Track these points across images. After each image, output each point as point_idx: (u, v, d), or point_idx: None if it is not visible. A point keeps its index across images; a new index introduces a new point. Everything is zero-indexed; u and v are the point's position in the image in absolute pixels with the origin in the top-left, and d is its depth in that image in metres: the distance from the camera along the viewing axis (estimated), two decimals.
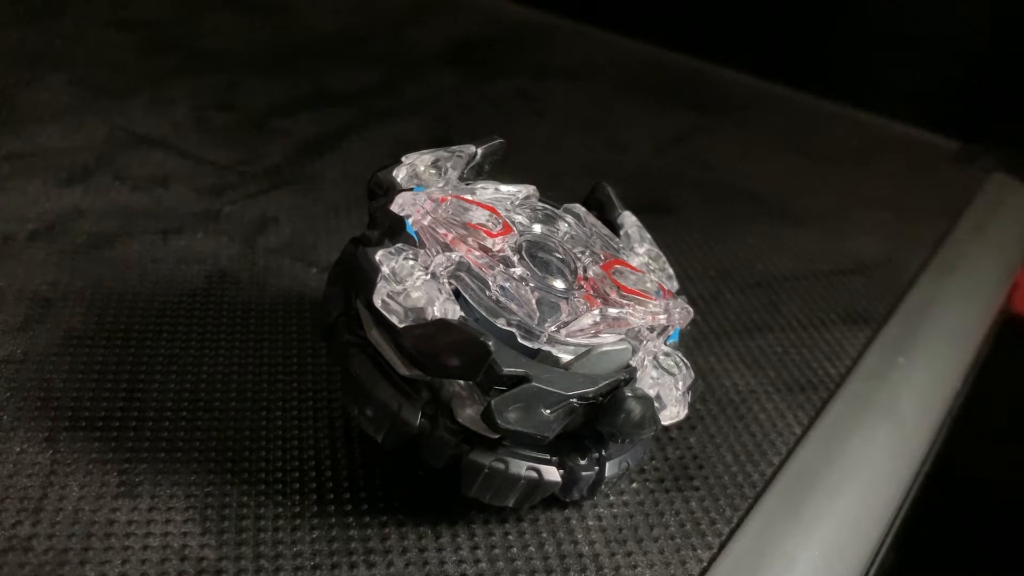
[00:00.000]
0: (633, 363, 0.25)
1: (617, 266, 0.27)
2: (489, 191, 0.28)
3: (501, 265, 0.25)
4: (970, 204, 0.52)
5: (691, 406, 0.26)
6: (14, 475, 0.25)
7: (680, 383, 0.25)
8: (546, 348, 0.24)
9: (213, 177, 0.42)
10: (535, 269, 0.25)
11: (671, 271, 0.29)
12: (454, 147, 0.29)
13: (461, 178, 0.28)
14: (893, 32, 0.66)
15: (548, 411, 0.23)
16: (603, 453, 0.25)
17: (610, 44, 0.68)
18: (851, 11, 0.67)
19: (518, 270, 0.25)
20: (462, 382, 0.24)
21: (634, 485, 0.28)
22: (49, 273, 0.34)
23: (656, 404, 0.24)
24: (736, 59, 0.65)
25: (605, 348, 0.24)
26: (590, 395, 0.23)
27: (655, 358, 0.25)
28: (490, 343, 0.22)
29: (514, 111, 0.56)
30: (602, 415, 0.24)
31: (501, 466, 0.24)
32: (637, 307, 0.25)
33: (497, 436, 0.23)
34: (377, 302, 0.23)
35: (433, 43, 0.64)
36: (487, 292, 0.24)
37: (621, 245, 0.29)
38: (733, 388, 0.34)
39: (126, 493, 0.25)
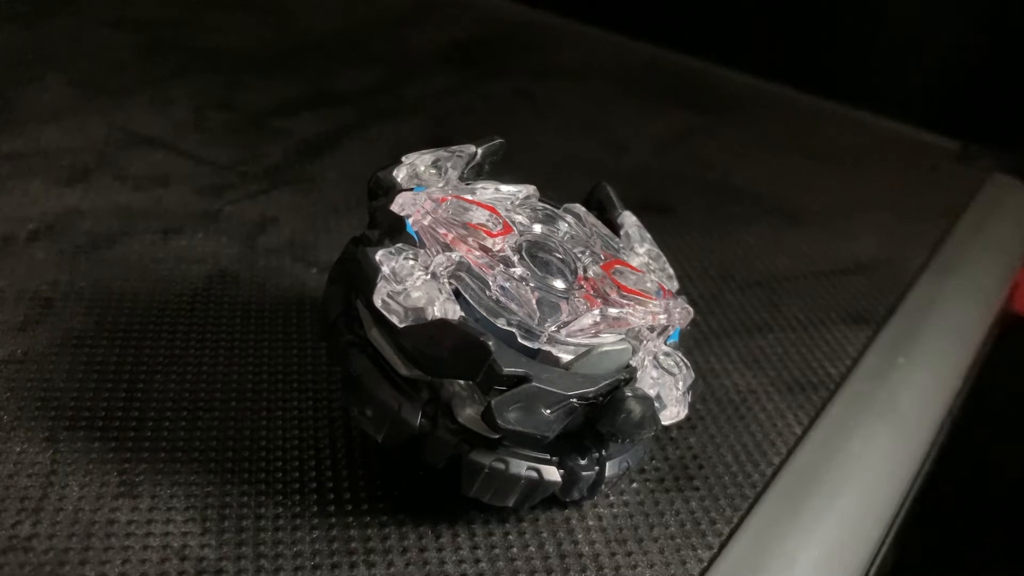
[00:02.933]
0: (633, 363, 0.25)
1: (617, 266, 0.27)
2: (489, 191, 0.28)
3: (501, 265, 0.25)
4: (970, 204, 0.52)
5: (691, 406, 0.26)
6: (14, 475, 0.25)
7: (680, 383, 0.25)
8: (546, 348, 0.24)
9: (213, 177, 0.42)
10: (535, 269, 0.25)
11: (671, 271, 0.29)
12: (454, 147, 0.29)
13: (461, 178, 0.28)
14: (893, 32, 0.66)
15: (548, 411, 0.23)
16: (603, 453, 0.25)
17: (610, 44, 0.68)
18: (851, 11, 0.67)
19: (518, 270, 0.25)
20: (462, 382, 0.24)
21: (634, 485, 0.28)
22: (49, 273, 0.34)
23: (656, 404, 0.24)
24: (736, 59, 0.65)
25: (605, 348, 0.24)
26: (590, 395, 0.23)
27: (655, 358, 0.25)
28: (490, 343, 0.22)
29: (514, 111, 0.56)
30: (602, 415, 0.24)
31: (501, 466, 0.24)
32: (637, 307, 0.25)
33: (497, 436, 0.23)
34: (377, 302, 0.23)
35: (433, 43, 0.64)
36: (487, 292, 0.24)
37: (621, 245, 0.29)
38: (733, 388, 0.34)
39: (126, 493, 0.25)
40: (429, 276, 0.23)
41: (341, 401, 0.29)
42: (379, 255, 0.24)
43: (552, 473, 0.25)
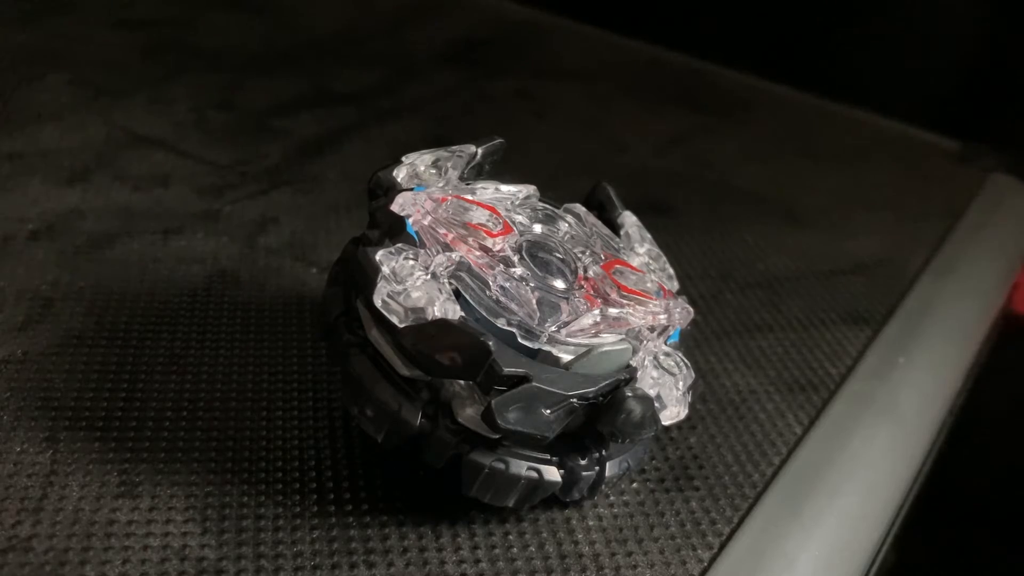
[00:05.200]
0: (633, 363, 0.25)
1: (617, 266, 0.27)
2: (489, 191, 0.28)
3: (501, 265, 0.25)
4: (970, 204, 0.52)
5: (691, 406, 0.26)
6: (14, 475, 0.25)
7: (680, 383, 0.25)
8: (546, 348, 0.24)
9: (213, 177, 0.42)
10: (535, 269, 0.25)
11: (671, 271, 0.29)
12: (454, 147, 0.29)
13: (461, 178, 0.28)
14: (893, 32, 0.66)
15: (548, 411, 0.23)
16: (603, 453, 0.25)
17: (610, 44, 0.68)
18: (851, 11, 0.67)
19: (518, 270, 0.25)
20: (462, 382, 0.24)
21: (634, 485, 0.28)
22: (49, 273, 0.34)
23: (656, 404, 0.24)
24: (736, 59, 0.65)
25: (605, 348, 0.24)
26: (590, 395, 0.23)
27: (655, 358, 0.25)
28: (490, 343, 0.22)
29: (514, 111, 0.56)
30: (602, 415, 0.24)
31: (501, 466, 0.24)
32: (637, 307, 0.25)
33: (497, 436, 0.23)
34: (377, 302, 0.23)
35: (433, 43, 0.64)
36: (487, 292, 0.24)
37: (621, 245, 0.29)
38: (733, 388, 0.34)
39: (126, 493, 0.25)
40: (429, 276, 0.23)
41: (341, 401, 0.29)
42: (379, 255, 0.24)
43: (552, 473, 0.25)
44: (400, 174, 0.27)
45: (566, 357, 0.24)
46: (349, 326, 0.25)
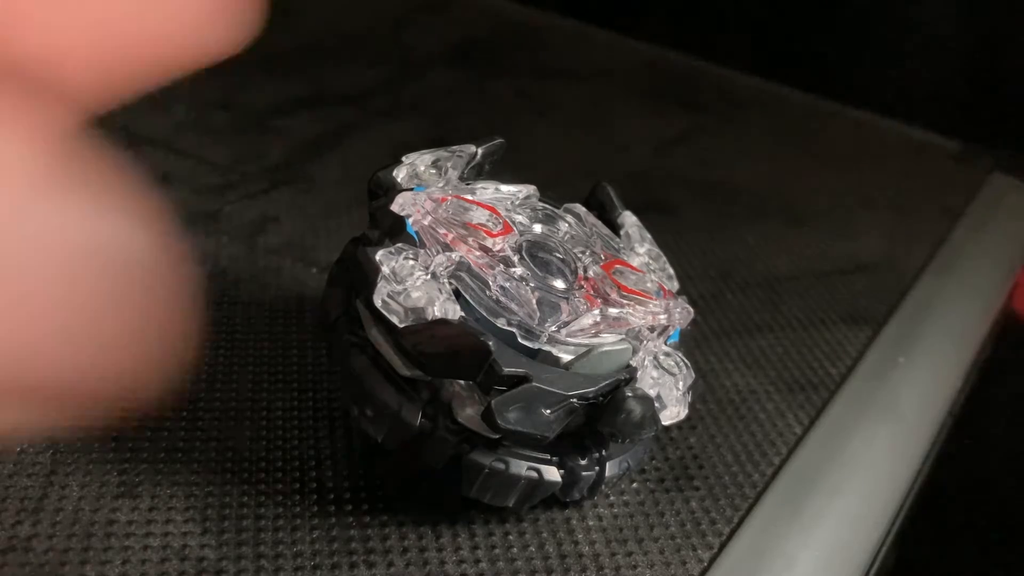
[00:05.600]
0: (633, 363, 0.25)
1: (617, 266, 0.27)
2: (489, 191, 0.28)
3: (501, 265, 0.25)
4: (970, 204, 0.52)
5: (691, 406, 0.26)
6: (14, 475, 0.25)
7: (680, 383, 0.25)
8: (546, 348, 0.24)
9: (213, 177, 0.42)
10: (535, 269, 0.25)
11: (671, 271, 0.29)
12: (454, 147, 0.29)
13: (461, 178, 0.28)
14: (893, 32, 0.66)
15: (548, 411, 0.23)
16: (603, 453, 0.25)
17: (610, 44, 0.68)
18: (851, 10, 0.67)
19: (518, 270, 0.25)
20: (462, 382, 0.24)
21: (634, 485, 0.28)
22: None
23: (656, 404, 0.24)
24: (736, 59, 0.65)
25: (605, 348, 0.24)
26: (590, 395, 0.23)
27: (655, 358, 0.25)
28: (490, 343, 0.22)
29: (514, 111, 0.56)
30: (602, 415, 0.24)
31: (501, 466, 0.24)
32: (637, 307, 0.25)
33: (497, 436, 0.23)
34: (377, 302, 0.23)
35: (433, 43, 0.64)
36: (487, 292, 0.24)
37: (621, 245, 0.29)
38: (733, 388, 0.34)
39: (126, 493, 0.25)
40: (429, 276, 0.23)
41: (341, 401, 0.29)
42: (379, 255, 0.24)
43: (552, 473, 0.25)
44: (400, 174, 0.27)
45: (566, 357, 0.24)
46: (349, 326, 0.25)
